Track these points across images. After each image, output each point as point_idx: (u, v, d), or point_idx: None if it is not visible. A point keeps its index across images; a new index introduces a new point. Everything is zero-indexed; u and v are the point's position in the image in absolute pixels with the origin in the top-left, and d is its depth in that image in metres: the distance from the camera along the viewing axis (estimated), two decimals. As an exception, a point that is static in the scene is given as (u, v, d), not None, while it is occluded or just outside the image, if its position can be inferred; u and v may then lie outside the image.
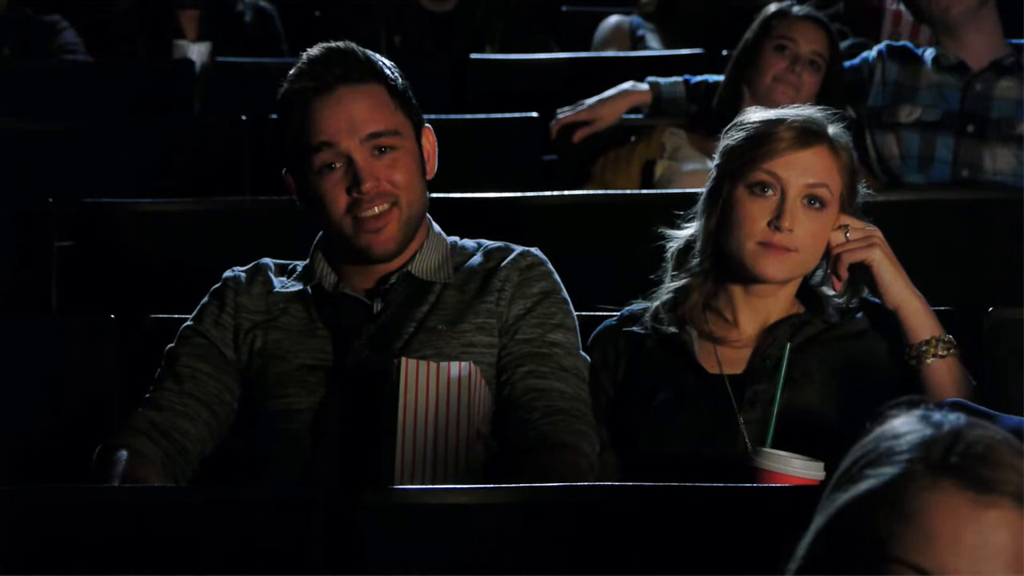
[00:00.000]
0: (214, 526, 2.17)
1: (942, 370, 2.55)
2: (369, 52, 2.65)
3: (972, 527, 1.28)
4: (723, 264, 2.61)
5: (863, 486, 1.32)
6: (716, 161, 2.64)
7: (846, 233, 2.59)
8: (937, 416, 1.34)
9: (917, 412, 1.35)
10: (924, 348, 2.55)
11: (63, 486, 2.53)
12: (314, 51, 2.63)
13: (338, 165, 2.57)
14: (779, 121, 2.59)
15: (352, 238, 2.58)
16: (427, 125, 2.69)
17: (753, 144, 2.58)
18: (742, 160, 2.58)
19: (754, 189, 2.56)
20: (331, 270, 2.65)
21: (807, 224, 2.56)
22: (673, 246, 2.70)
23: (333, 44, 2.63)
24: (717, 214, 2.60)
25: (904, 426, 1.34)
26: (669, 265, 2.69)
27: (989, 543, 1.28)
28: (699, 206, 2.65)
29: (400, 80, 2.64)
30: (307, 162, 2.58)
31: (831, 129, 2.61)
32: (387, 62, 2.66)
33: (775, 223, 2.54)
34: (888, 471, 1.31)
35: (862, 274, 2.61)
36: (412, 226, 2.61)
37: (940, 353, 2.55)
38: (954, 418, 1.34)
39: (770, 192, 2.55)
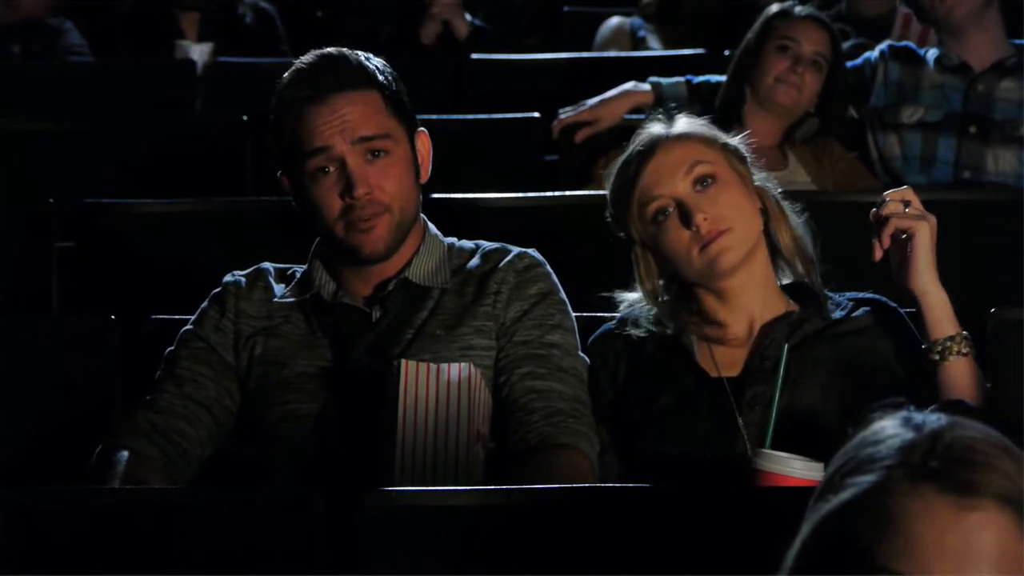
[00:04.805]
0: (215, 527, 2.17)
1: (962, 369, 2.49)
2: (363, 57, 2.63)
3: (955, 532, 1.27)
4: (688, 287, 2.61)
5: (845, 495, 1.30)
6: (610, 212, 2.65)
7: (905, 208, 2.55)
8: (918, 418, 1.33)
9: (899, 415, 1.34)
10: (948, 344, 2.49)
11: (64, 487, 2.53)
12: (307, 58, 2.62)
13: (331, 169, 2.56)
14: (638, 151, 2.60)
15: (343, 240, 2.58)
16: (422, 129, 2.68)
17: (624, 189, 2.59)
18: (632, 205, 2.59)
19: (657, 217, 2.56)
20: (329, 278, 2.65)
21: (715, 202, 2.54)
22: (631, 308, 2.68)
23: (326, 51, 2.62)
24: (650, 262, 2.61)
25: (885, 431, 1.33)
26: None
27: (973, 546, 1.27)
28: (634, 269, 2.65)
29: (395, 84, 2.63)
30: (301, 167, 2.57)
31: (681, 126, 2.62)
32: (380, 65, 2.64)
33: (692, 226, 2.53)
34: (868, 479, 1.29)
35: (896, 250, 2.56)
36: (404, 229, 2.61)
37: (963, 351, 2.49)
38: (935, 419, 1.32)
39: (671, 210, 2.55)
